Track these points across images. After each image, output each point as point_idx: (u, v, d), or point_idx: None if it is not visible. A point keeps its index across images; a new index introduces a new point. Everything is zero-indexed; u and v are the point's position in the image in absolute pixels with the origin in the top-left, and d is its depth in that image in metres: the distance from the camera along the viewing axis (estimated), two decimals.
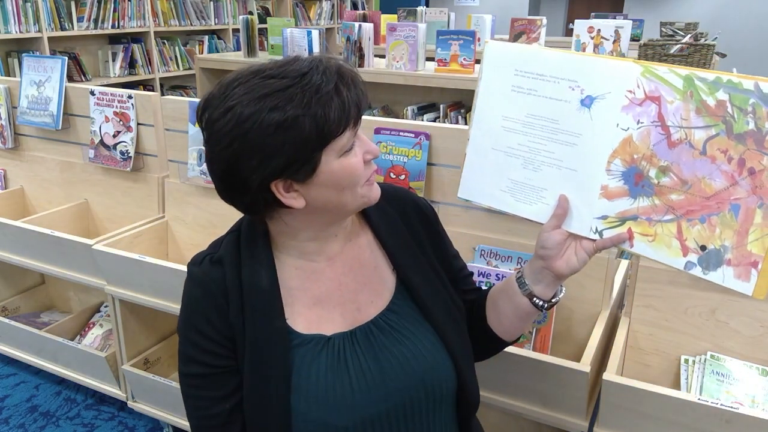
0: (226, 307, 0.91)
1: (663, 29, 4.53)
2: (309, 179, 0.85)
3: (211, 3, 6.07)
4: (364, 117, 0.94)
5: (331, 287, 0.97)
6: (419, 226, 1.05)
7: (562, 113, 0.96)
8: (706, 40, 2.74)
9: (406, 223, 1.04)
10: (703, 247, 0.89)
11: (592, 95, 0.94)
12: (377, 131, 1.66)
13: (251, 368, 0.90)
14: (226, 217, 2.01)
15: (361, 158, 0.88)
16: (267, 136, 0.80)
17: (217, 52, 6.08)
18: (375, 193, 0.93)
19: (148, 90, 4.97)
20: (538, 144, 0.99)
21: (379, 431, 0.92)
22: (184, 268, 1.68)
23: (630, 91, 0.91)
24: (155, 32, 5.44)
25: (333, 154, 0.84)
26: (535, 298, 1.00)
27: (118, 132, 2.12)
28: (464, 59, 2.88)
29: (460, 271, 1.11)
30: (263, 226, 0.96)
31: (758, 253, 0.85)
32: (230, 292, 0.92)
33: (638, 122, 0.91)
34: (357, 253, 1.00)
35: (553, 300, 1.01)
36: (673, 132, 0.89)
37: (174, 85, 5.94)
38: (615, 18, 3.68)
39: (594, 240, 0.96)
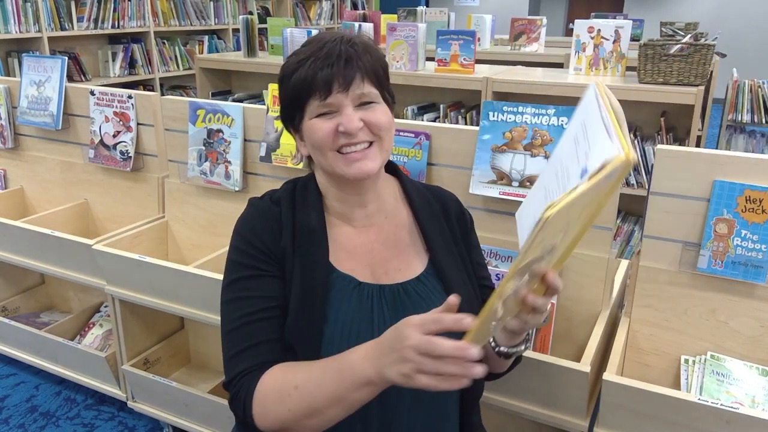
0: (279, 236, 1.03)
1: (663, 29, 4.52)
2: (300, 128, 1.03)
3: (211, 3, 6.07)
4: None
5: (364, 250, 1.06)
6: (456, 225, 1.13)
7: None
8: (706, 40, 2.74)
9: (446, 217, 1.12)
10: None
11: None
12: None
13: (297, 296, 0.99)
14: (226, 217, 2.02)
15: (332, 126, 0.98)
16: (279, 85, 1.05)
17: (217, 52, 6.08)
18: (350, 170, 0.99)
19: (148, 90, 4.97)
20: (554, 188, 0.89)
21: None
22: (184, 269, 1.71)
23: None
24: (155, 32, 5.44)
25: (310, 114, 1.00)
26: (492, 343, 0.98)
27: (118, 132, 2.12)
28: (464, 59, 2.87)
29: (479, 280, 1.13)
30: (314, 180, 1.09)
31: None
32: (284, 227, 1.04)
33: None
34: (394, 229, 1.09)
35: (512, 350, 0.98)
36: None
37: (174, 85, 5.94)
38: (615, 18, 3.67)
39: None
